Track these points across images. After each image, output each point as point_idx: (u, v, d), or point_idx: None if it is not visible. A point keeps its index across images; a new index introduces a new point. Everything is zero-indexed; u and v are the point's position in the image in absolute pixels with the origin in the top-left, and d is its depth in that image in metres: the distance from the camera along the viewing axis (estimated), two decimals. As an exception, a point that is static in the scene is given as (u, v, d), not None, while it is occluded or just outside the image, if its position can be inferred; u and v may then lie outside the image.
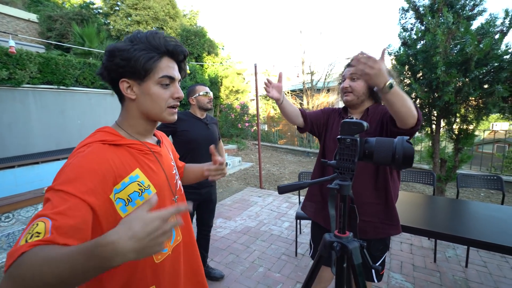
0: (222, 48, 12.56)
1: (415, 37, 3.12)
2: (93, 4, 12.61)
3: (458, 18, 2.81)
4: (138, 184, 0.71)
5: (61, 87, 6.13)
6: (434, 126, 3.37)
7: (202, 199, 2.14)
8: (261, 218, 3.64)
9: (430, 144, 3.52)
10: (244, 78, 12.39)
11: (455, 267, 2.46)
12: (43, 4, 11.65)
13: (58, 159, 5.12)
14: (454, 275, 2.34)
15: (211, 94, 2.20)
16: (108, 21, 11.49)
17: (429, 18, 2.86)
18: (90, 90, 6.65)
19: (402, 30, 3.32)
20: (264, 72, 14.88)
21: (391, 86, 0.95)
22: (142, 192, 0.72)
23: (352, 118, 0.72)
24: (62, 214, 0.53)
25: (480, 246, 1.59)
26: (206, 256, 2.37)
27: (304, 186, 0.75)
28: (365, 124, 0.69)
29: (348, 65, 1.39)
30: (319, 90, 11.62)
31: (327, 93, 11.66)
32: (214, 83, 10.42)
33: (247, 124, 10.30)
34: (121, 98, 0.77)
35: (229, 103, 10.91)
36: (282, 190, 0.78)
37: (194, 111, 2.22)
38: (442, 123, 3.37)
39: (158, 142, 0.86)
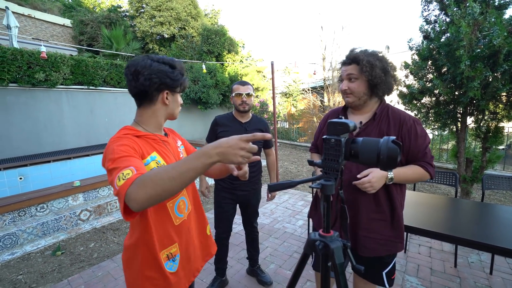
0: (242, 46, 12.64)
1: (438, 29, 2.95)
2: (121, 7, 13.24)
3: (487, 8, 2.61)
4: (156, 162, 0.93)
5: (91, 87, 6.55)
6: (459, 124, 3.17)
7: (239, 201, 2.10)
8: (276, 215, 3.66)
9: (455, 143, 3.32)
10: (264, 76, 12.39)
11: (478, 273, 2.32)
12: (76, 10, 12.45)
13: (88, 155, 5.50)
14: (476, 282, 2.21)
15: (247, 93, 1.93)
16: (134, 23, 12.01)
17: (454, 9, 2.69)
18: (116, 90, 7.04)
19: (424, 23, 3.15)
20: (284, 69, 14.74)
21: (391, 179, 1.17)
22: None
23: (341, 118, 0.72)
24: (132, 164, 0.77)
25: (507, 254, 1.48)
26: (256, 255, 2.30)
27: (293, 185, 0.76)
28: (351, 124, 0.70)
29: (343, 64, 1.30)
30: (340, 87, 11.30)
31: (349, 89, 11.30)
32: (234, 81, 10.52)
33: (266, 122, 10.31)
34: (151, 103, 0.97)
35: (249, 100, 10.96)
36: (272, 188, 0.80)
37: (235, 112, 2.04)
38: (469, 121, 3.16)
39: (166, 135, 1.09)
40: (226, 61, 10.69)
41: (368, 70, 1.19)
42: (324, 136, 0.71)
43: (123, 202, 0.69)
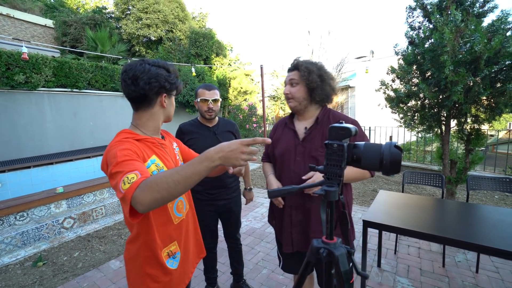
0: (231, 50, 12.63)
1: (422, 36, 3.05)
2: (106, 9, 12.95)
3: (467, 16, 2.73)
4: (156, 165, 0.98)
5: (74, 90, 6.33)
6: (443, 127, 3.28)
7: (221, 211, 1.99)
8: (267, 219, 3.64)
9: (440, 145, 3.43)
10: (252, 79, 12.41)
11: (465, 272, 2.39)
12: (58, 10, 12.06)
13: (72, 160, 5.29)
14: (463, 280, 2.27)
15: (214, 99, 1.81)
16: (120, 25, 11.77)
17: (437, 16, 2.79)
18: (101, 93, 6.83)
19: (409, 29, 3.25)
20: (272, 73, 14.85)
21: None
22: (159, 171, 0.97)
23: (342, 123, 0.72)
24: (136, 168, 0.79)
25: (491, 253, 1.52)
26: (240, 269, 2.19)
27: (294, 191, 0.75)
28: (353, 129, 0.69)
29: (288, 70, 1.42)
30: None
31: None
32: (223, 85, 10.49)
33: (255, 125, 10.31)
34: (149, 106, 1.00)
35: (237, 104, 10.96)
36: (272, 194, 0.78)
37: (200, 118, 1.93)
38: (452, 124, 3.27)
39: (162, 137, 1.14)
40: (214, 64, 10.63)
41: (306, 74, 1.32)
42: (326, 141, 0.71)
43: (129, 205, 0.72)
